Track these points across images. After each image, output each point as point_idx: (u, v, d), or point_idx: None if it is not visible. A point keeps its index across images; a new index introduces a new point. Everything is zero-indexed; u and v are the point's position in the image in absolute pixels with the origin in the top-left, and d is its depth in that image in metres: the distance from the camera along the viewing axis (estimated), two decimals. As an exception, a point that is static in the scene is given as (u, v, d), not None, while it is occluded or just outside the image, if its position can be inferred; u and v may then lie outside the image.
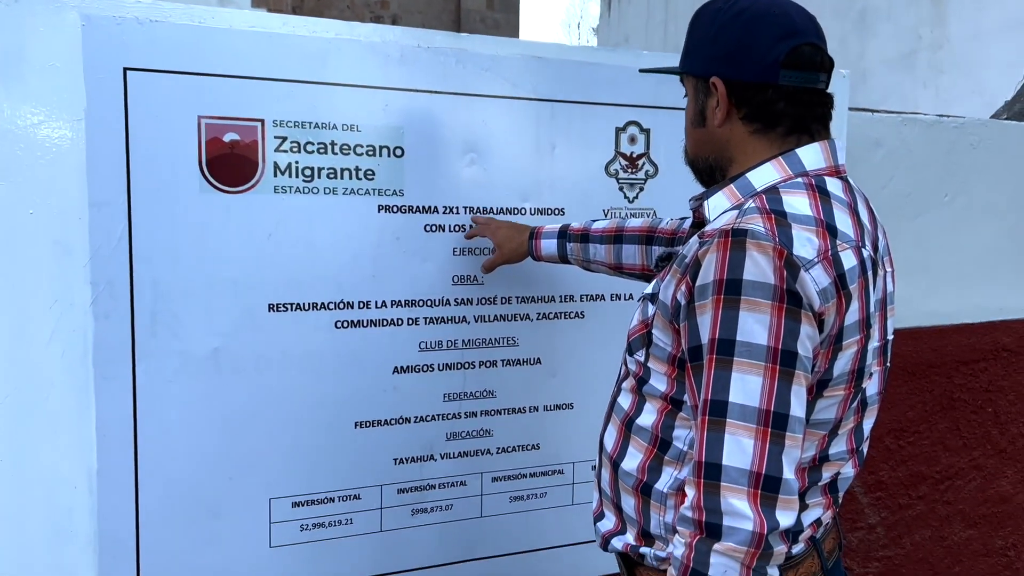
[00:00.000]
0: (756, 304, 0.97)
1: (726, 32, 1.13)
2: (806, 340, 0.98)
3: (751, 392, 0.96)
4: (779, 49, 1.10)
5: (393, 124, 1.58)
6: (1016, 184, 2.34)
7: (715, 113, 1.15)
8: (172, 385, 1.47)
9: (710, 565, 0.97)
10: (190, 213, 1.46)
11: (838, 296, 1.01)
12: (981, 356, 2.37)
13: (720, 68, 1.13)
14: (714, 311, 0.99)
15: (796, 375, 0.98)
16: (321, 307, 1.55)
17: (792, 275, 0.97)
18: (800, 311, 0.97)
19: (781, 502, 0.97)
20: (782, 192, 1.07)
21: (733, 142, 1.16)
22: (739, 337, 0.97)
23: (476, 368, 1.71)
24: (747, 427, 0.96)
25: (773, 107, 1.12)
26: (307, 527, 1.59)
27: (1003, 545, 2.48)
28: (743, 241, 0.98)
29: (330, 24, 1.53)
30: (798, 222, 1.02)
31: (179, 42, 1.42)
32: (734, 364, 0.97)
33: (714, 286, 0.99)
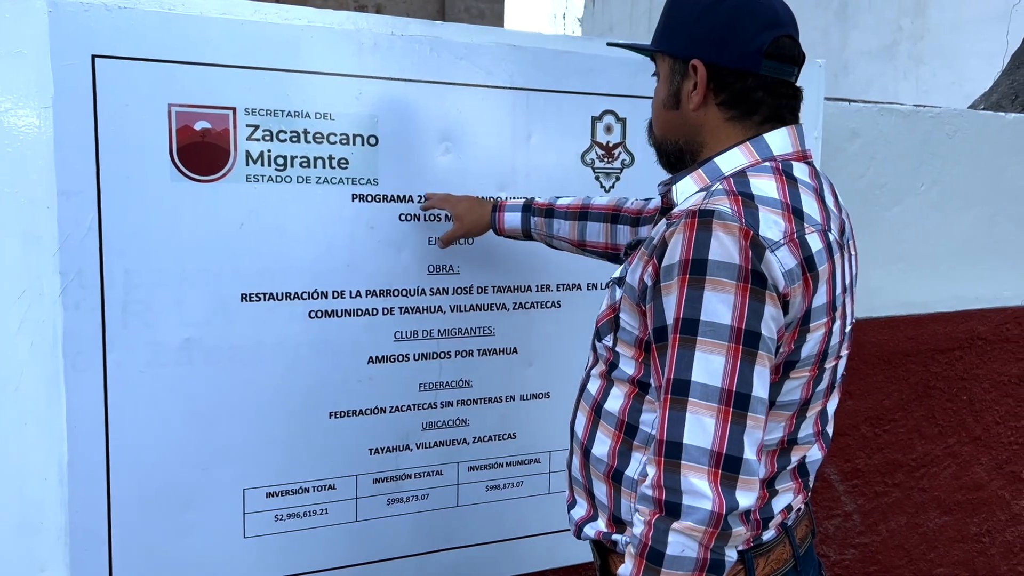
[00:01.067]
0: (721, 284, 0.97)
1: (710, 15, 1.11)
2: (770, 321, 0.98)
3: (714, 372, 0.96)
4: (763, 38, 1.09)
5: (367, 112, 1.57)
6: (991, 173, 2.35)
7: (691, 96, 1.13)
8: (144, 376, 1.46)
9: (668, 544, 0.97)
10: (161, 202, 1.44)
11: (804, 278, 1.01)
12: (957, 345, 2.38)
13: (702, 51, 1.12)
14: (679, 291, 0.98)
15: (759, 356, 0.98)
16: (295, 297, 1.54)
17: (757, 256, 0.97)
18: (765, 292, 0.97)
19: (741, 482, 0.97)
20: (749, 176, 1.07)
21: (707, 127, 1.15)
22: (703, 317, 0.97)
23: (452, 358, 1.71)
24: (709, 406, 0.96)
25: (752, 95, 1.11)
26: (282, 517, 1.59)
27: (978, 531, 2.51)
28: (709, 222, 0.98)
29: (302, 11, 1.51)
30: (765, 204, 1.02)
31: (148, 29, 1.40)
32: (697, 343, 0.97)
33: (680, 266, 0.99)
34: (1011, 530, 2.55)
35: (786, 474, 1.14)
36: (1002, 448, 2.49)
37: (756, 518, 1.11)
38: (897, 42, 5.90)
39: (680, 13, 1.15)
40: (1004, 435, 2.49)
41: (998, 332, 2.43)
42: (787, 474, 1.14)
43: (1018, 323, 2.44)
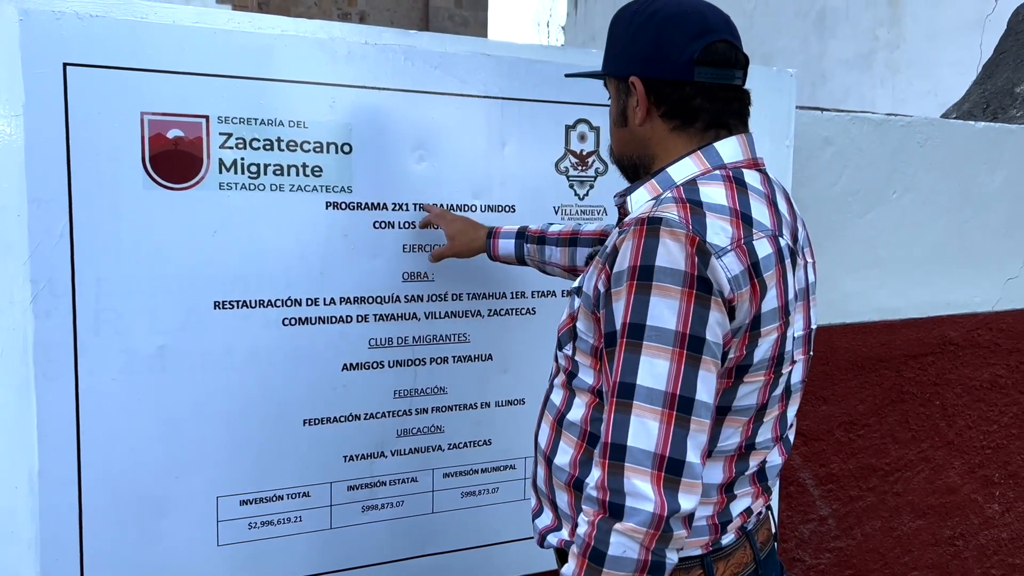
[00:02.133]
0: (666, 290, 0.99)
1: (642, 33, 1.15)
2: (715, 326, 1.00)
3: (658, 375, 0.98)
4: (693, 47, 1.12)
5: (341, 121, 1.57)
6: (961, 181, 2.39)
7: (635, 112, 1.17)
8: (116, 384, 1.46)
9: (610, 544, 0.98)
10: (134, 210, 1.44)
11: (751, 284, 1.03)
12: (929, 350, 2.41)
13: (638, 68, 1.16)
14: (627, 296, 1.01)
15: (703, 360, 0.99)
16: (268, 304, 1.55)
17: (703, 262, 0.99)
18: (710, 298, 0.99)
19: (684, 485, 0.98)
20: (699, 183, 1.09)
21: (654, 139, 1.18)
22: (649, 322, 0.99)
23: (427, 365, 1.71)
24: (653, 410, 0.98)
25: (690, 103, 1.14)
26: (255, 525, 1.58)
27: (951, 535, 2.53)
28: (657, 229, 1.00)
29: (276, 20, 1.52)
30: (712, 211, 1.04)
31: (121, 37, 1.41)
32: (643, 348, 0.99)
33: (628, 272, 1.01)
34: (984, 533, 2.58)
35: (744, 479, 1.15)
36: (974, 452, 2.52)
37: (714, 522, 1.12)
38: (874, 51, 5.97)
39: (617, 36, 1.20)
40: (976, 439, 2.52)
41: (969, 337, 2.46)
42: (746, 479, 1.15)
43: (989, 328, 2.48)
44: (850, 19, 6.25)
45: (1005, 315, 2.50)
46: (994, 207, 2.44)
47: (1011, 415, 2.55)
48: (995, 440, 2.55)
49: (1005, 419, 2.55)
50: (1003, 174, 2.43)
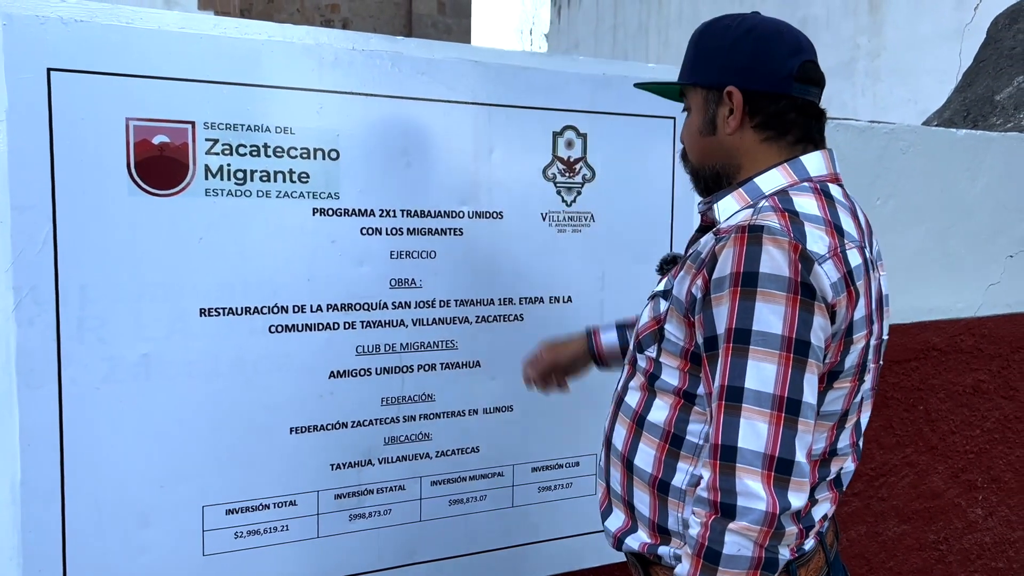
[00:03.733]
0: (772, 295, 1.02)
1: (740, 45, 1.19)
2: (819, 331, 1.04)
3: (766, 379, 1.01)
4: (792, 63, 1.17)
5: (328, 127, 1.57)
6: (943, 188, 2.41)
7: (728, 121, 1.21)
8: (100, 392, 1.44)
9: (724, 543, 1.01)
10: (118, 216, 1.43)
11: (847, 291, 1.07)
12: (913, 355, 2.43)
13: (736, 78, 1.19)
14: (731, 302, 1.04)
15: (808, 364, 1.03)
16: (255, 311, 1.54)
17: (807, 268, 1.03)
18: (813, 303, 1.03)
19: (793, 484, 1.01)
20: (792, 194, 1.13)
21: (743, 149, 1.21)
22: (755, 327, 1.02)
23: (415, 372, 1.70)
24: (762, 412, 1.01)
25: (785, 117, 1.19)
26: (241, 534, 1.57)
27: (935, 539, 2.55)
28: (759, 236, 1.04)
29: (262, 26, 1.52)
30: (809, 221, 1.08)
31: (106, 42, 1.40)
32: (750, 352, 1.02)
33: (731, 278, 1.04)
34: (967, 538, 2.60)
35: (824, 484, 1.18)
36: (958, 457, 2.54)
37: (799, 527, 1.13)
38: (855, 59, 6.04)
39: (709, 47, 1.23)
40: (959, 444, 2.54)
41: (952, 343, 2.48)
42: (825, 484, 1.18)
43: (971, 334, 2.50)
44: (831, 27, 6.31)
45: (987, 320, 2.52)
46: (975, 214, 2.46)
47: (993, 420, 2.57)
48: (978, 445, 2.57)
49: (987, 424, 2.57)
50: (984, 181, 2.46)
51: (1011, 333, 2.55)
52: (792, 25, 1.23)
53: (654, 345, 1.20)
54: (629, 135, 1.86)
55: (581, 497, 1.89)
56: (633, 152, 1.87)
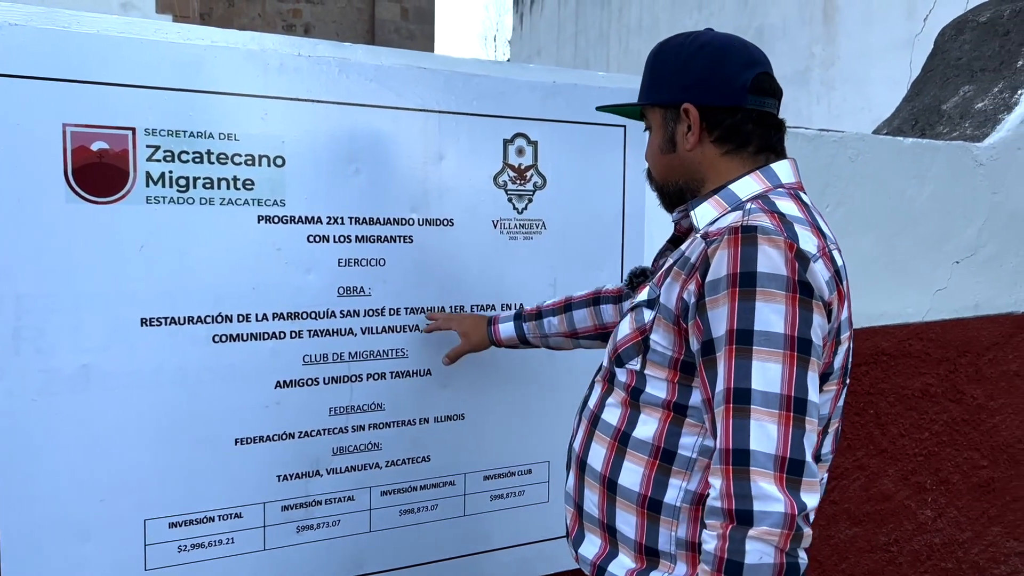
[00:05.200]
0: (772, 295, 1.02)
1: (693, 62, 1.21)
2: (818, 328, 1.04)
3: (772, 379, 1.00)
4: (745, 76, 1.19)
5: (273, 133, 1.55)
6: (891, 195, 2.45)
7: (687, 138, 1.22)
8: (37, 404, 1.40)
9: (746, 553, 0.98)
10: (56, 225, 1.40)
11: (838, 290, 1.08)
12: (863, 360, 2.46)
13: (691, 95, 1.21)
14: (730, 304, 1.03)
15: (811, 362, 1.03)
16: (198, 321, 1.51)
17: (803, 267, 1.03)
18: (812, 301, 1.03)
19: (805, 484, 0.99)
20: (773, 198, 1.14)
21: (705, 164, 1.23)
22: (757, 327, 1.01)
23: (364, 381, 1.69)
24: (771, 413, 1.00)
25: (743, 128, 1.20)
26: (185, 548, 1.54)
27: (886, 541, 2.58)
28: (754, 236, 1.04)
29: (205, 31, 1.49)
30: (796, 222, 1.09)
31: (42, 47, 1.37)
32: (754, 353, 1.01)
33: (728, 280, 1.03)
34: (918, 539, 2.64)
35: None
36: (907, 460, 2.58)
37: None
38: (810, 68, 6.13)
39: (663, 67, 1.25)
40: (909, 447, 2.58)
41: (901, 348, 2.52)
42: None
43: (919, 339, 2.54)
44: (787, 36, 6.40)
45: (934, 325, 2.57)
46: (923, 220, 2.51)
47: (941, 423, 2.62)
48: (926, 447, 2.61)
49: (936, 427, 2.61)
50: (931, 188, 2.50)
51: (958, 337, 2.60)
52: (745, 39, 1.25)
53: (637, 357, 1.17)
54: (580, 143, 1.87)
55: (534, 505, 1.89)
56: (584, 160, 1.88)
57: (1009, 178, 2.63)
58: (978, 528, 2.72)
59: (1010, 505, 2.77)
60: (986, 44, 3.00)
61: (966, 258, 2.60)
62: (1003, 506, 2.76)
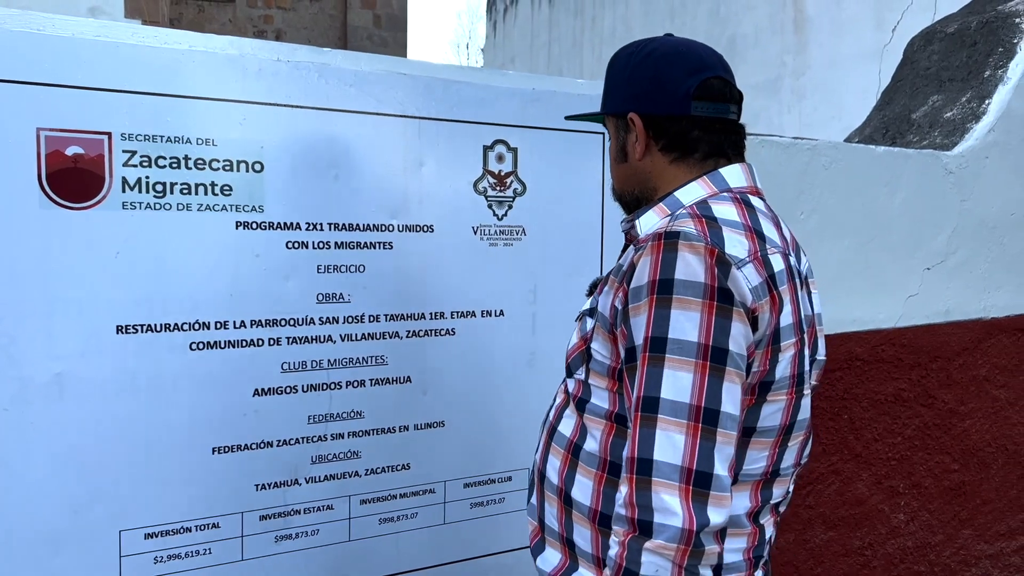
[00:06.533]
0: (687, 302, 0.99)
1: (639, 71, 1.20)
2: (739, 337, 1.00)
3: (682, 388, 0.98)
4: (689, 83, 1.16)
5: (251, 138, 1.53)
6: (864, 203, 2.48)
7: (635, 147, 1.22)
8: (8, 414, 1.37)
9: (641, 564, 0.96)
10: (29, 230, 1.37)
11: (771, 296, 1.04)
12: (837, 366, 2.49)
13: (635, 105, 1.20)
14: (648, 311, 1.01)
15: (727, 372, 0.99)
16: (174, 328, 1.49)
17: (724, 272, 1.01)
18: (732, 308, 1.00)
19: (713, 499, 0.97)
20: (711, 203, 1.12)
21: (655, 172, 1.22)
22: (671, 335, 0.99)
23: (343, 388, 1.67)
24: (678, 423, 0.97)
25: (688, 136, 1.18)
26: (161, 559, 1.51)
27: (860, 545, 2.61)
28: (675, 243, 1.02)
29: (184, 35, 1.48)
30: (728, 225, 1.07)
31: (15, 50, 1.34)
32: (666, 361, 0.99)
33: (648, 287, 1.02)
34: (891, 543, 2.67)
35: (767, 508, 1.14)
36: (881, 464, 2.61)
37: (750, 557, 1.10)
38: (781, 77, 6.20)
39: (614, 75, 1.25)
40: (882, 451, 2.61)
41: (874, 353, 2.55)
42: (768, 508, 1.14)
43: (892, 344, 2.57)
44: (759, 46, 6.48)
45: (907, 331, 2.60)
46: (894, 227, 2.54)
47: (913, 427, 2.65)
48: (899, 452, 2.64)
49: (908, 431, 2.64)
50: (902, 196, 2.54)
51: (929, 343, 2.64)
52: (701, 43, 1.23)
53: (582, 367, 1.17)
54: (560, 150, 1.87)
55: (514, 512, 1.88)
56: (564, 167, 1.88)
57: (978, 186, 2.68)
58: (950, 531, 2.76)
59: (980, 508, 2.81)
60: (954, 55, 3.05)
61: (936, 264, 2.64)
62: (974, 509, 2.80)
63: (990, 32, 2.94)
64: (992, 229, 2.73)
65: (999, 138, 2.73)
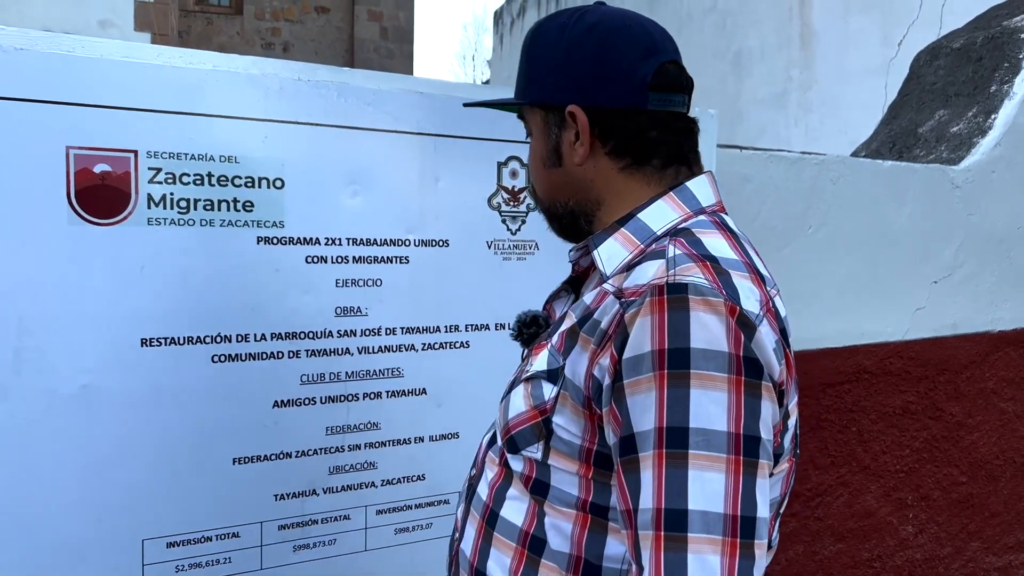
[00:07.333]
0: (710, 379, 0.79)
1: (580, 50, 0.95)
2: (768, 420, 0.82)
3: (713, 494, 0.78)
4: (647, 67, 0.94)
5: (273, 156, 1.57)
6: (871, 216, 2.51)
7: (575, 149, 0.98)
8: (37, 425, 1.40)
9: None
10: (58, 246, 1.41)
11: (785, 354, 0.87)
12: (845, 378, 2.51)
13: (577, 94, 0.95)
14: (658, 391, 0.80)
15: (760, 466, 0.80)
16: (197, 341, 1.52)
17: (748, 336, 0.81)
18: (760, 384, 0.81)
19: None
20: (697, 233, 0.91)
21: (599, 181, 0.99)
22: (692, 423, 0.78)
23: (360, 400, 1.70)
24: (712, 540, 0.77)
25: (645, 137, 0.96)
26: (183, 568, 1.54)
27: (869, 557, 2.62)
28: (684, 299, 0.80)
29: (207, 56, 1.52)
30: (732, 268, 0.86)
31: (47, 71, 1.38)
32: (690, 459, 0.78)
33: (654, 358, 0.80)
34: (900, 555, 2.68)
35: None
36: (889, 476, 2.63)
37: None
38: (787, 91, 6.25)
39: (543, 55, 0.98)
40: (890, 464, 2.62)
41: (882, 366, 2.57)
42: None
43: (900, 357, 2.60)
44: (765, 60, 6.52)
45: (914, 344, 2.62)
46: (902, 241, 2.57)
47: (922, 440, 2.67)
48: (907, 464, 2.66)
49: (916, 443, 2.66)
50: (909, 210, 2.57)
51: (937, 356, 2.66)
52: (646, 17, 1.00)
53: (537, 443, 0.92)
54: (572, 165, 1.90)
55: (526, 523, 1.90)
56: (576, 182, 1.91)
57: (984, 200, 2.71)
58: (958, 544, 2.77)
59: (988, 521, 2.82)
60: (960, 69, 3.08)
61: (944, 278, 2.66)
62: (982, 522, 2.81)
63: (996, 47, 2.97)
64: (999, 243, 2.75)
65: (1005, 152, 2.76)
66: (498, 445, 1.01)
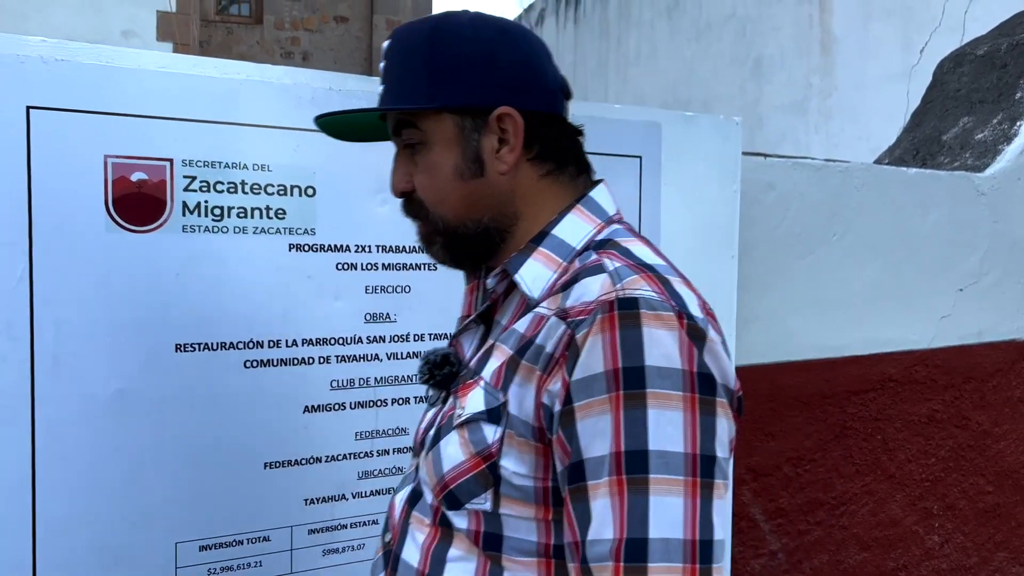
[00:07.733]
0: (666, 398, 0.75)
1: (503, 51, 0.89)
2: (724, 437, 0.79)
3: (673, 521, 0.74)
4: (558, 74, 0.92)
5: (304, 164, 1.59)
6: (896, 224, 2.50)
7: (502, 156, 0.90)
8: (74, 428, 1.43)
9: None
10: (95, 253, 1.43)
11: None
12: (870, 387, 2.50)
13: (509, 95, 0.88)
14: (614, 413, 0.75)
15: (716, 486, 0.77)
16: (230, 347, 1.54)
17: (700, 348, 0.77)
18: (715, 400, 0.78)
19: None
20: (623, 243, 0.88)
21: (519, 191, 0.92)
22: (652, 446, 0.75)
23: (389, 406, 1.72)
24: (672, 569, 0.74)
25: (562, 143, 0.94)
26: (215, 571, 1.56)
27: (894, 566, 2.61)
28: (636, 314, 0.77)
29: (241, 66, 1.54)
30: (667, 274, 0.83)
31: (85, 81, 1.41)
32: (651, 484, 0.74)
33: (608, 378, 0.76)
34: (925, 564, 2.67)
35: None
36: (915, 485, 2.61)
37: None
38: (808, 98, 6.23)
39: (459, 53, 0.89)
40: (916, 472, 2.61)
41: (907, 374, 2.56)
42: None
43: (925, 365, 2.58)
44: (785, 67, 6.51)
45: (939, 352, 2.61)
46: (926, 249, 2.56)
47: (947, 448, 2.65)
48: (933, 473, 2.64)
49: (942, 452, 2.65)
50: (934, 217, 2.56)
51: (962, 364, 2.65)
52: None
53: (484, 494, 0.84)
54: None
55: (552, 529, 1.91)
56: (601, 190, 1.92)
57: (1010, 207, 2.69)
58: (984, 554, 2.75)
59: (1016, 531, 2.80)
60: (984, 76, 3.07)
61: (969, 285, 2.65)
62: (1009, 531, 2.79)
63: (1020, 54, 2.96)
64: (1025, 250, 2.74)
65: (1031, 160, 2.75)
66: (427, 503, 0.92)
